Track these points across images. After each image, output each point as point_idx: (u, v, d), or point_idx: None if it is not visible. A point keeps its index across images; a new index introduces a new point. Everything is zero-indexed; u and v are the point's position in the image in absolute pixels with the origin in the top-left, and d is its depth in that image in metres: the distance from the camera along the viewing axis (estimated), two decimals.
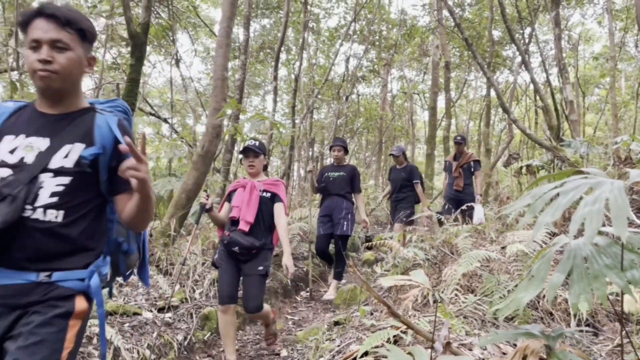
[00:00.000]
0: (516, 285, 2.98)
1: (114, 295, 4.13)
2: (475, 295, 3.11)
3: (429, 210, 6.78)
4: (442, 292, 3.24)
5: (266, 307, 3.64)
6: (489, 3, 10.51)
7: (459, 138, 7.46)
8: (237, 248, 3.49)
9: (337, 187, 5.95)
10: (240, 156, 3.83)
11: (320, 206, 6.22)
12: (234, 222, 3.60)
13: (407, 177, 6.95)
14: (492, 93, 11.95)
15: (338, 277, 5.90)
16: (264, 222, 3.63)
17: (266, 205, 3.65)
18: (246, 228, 3.52)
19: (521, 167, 7.52)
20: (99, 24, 9.30)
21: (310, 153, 14.72)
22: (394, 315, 1.55)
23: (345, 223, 5.79)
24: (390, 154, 7.27)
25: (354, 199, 6.02)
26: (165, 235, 5.12)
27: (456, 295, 3.20)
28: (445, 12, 11.12)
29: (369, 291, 1.49)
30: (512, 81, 15.22)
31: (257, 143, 3.78)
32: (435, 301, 3.10)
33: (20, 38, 5.90)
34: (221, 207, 3.82)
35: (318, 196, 11.55)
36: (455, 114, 16.22)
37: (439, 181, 19.88)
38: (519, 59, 13.13)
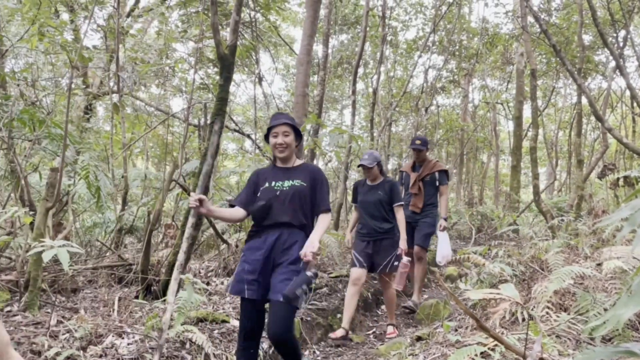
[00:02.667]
0: (614, 304, 2.80)
1: (205, 303, 4.36)
2: (569, 314, 2.95)
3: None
4: (532, 309, 3.10)
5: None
6: (578, 7, 9.99)
7: (418, 142, 5.59)
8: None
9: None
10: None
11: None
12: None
13: (386, 198, 4.78)
14: (584, 100, 11.28)
15: None
16: None
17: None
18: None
19: (618, 179, 7.01)
20: (188, 47, 9.92)
21: (390, 166, 14.64)
22: (484, 330, 1.53)
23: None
24: (359, 165, 4.91)
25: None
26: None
27: (547, 313, 3.05)
28: (530, 18, 10.71)
29: (458, 304, 1.48)
30: (606, 87, 14.27)
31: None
32: (524, 319, 2.98)
33: (121, 62, 6.44)
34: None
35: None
36: (542, 124, 15.44)
37: (526, 194, 18.97)
38: (612, 63, 12.31)
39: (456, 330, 3.36)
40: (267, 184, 3.07)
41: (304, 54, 6.02)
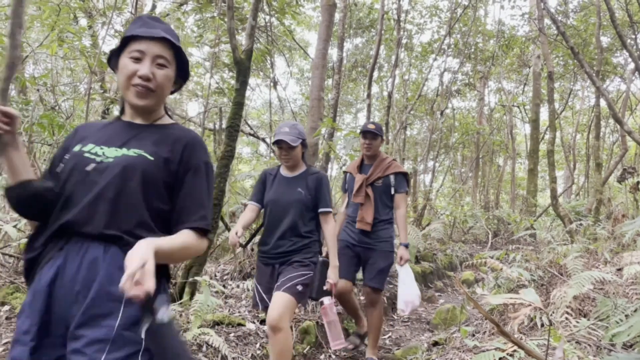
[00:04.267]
0: (636, 310, 2.75)
1: (221, 306, 4.38)
2: (589, 320, 2.91)
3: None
4: (552, 314, 3.06)
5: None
6: (596, 8, 9.87)
7: (371, 126, 3.91)
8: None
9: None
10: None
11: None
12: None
13: (309, 199, 3.15)
14: (602, 103, 11.13)
15: None
16: None
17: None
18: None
19: (638, 182, 6.90)
20: (204, 52, 10.01)
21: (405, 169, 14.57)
22: (504, 335, 1.51)
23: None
24: (275, 142, 3.15)
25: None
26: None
27: (567, 318, 3.01)
28: (546, 20, 10.61)
29: (477, 308, 1.46)
30: (625, 90, 14.07)
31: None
32: (543, 324, 2.94)
33: None
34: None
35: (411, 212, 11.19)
36: (560, 127, 15.26)
37: (543, 198, 18.75)
38: (631, 65, 12.14)
39: (474, 335, 3.33)
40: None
41: (319, 58, 6.04)
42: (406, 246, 3.87)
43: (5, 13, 5.20)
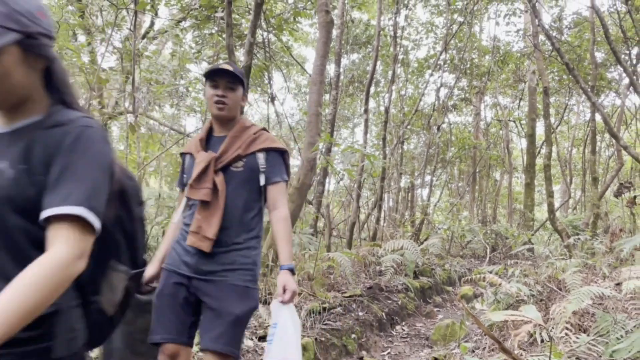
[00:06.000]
0: (636, 326, 2.74)
1: None
2: (589, 335, 2.90)
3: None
4: (551, 330, 3.05)
5: None
6: (590, 24, 10.00)
7: (226, 66, 2.22)
8: None
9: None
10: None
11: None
12: None
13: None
14: (597, 118, 11.22)
15: None
16: None
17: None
18: None
19: (635, 197, 6.94)
20: (202, 67, 10.09)
21: (402, 183, 14.63)
22: (505, 352, 1.51)
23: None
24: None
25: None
26: (264, 265, 5.32)
27: (566, 334, 3.00)
28: (541, 37, 10.74)
29: (478, 325, 1.46)
30: (620, 104, 14.20)
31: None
32: (543, 340, 2.93)
33: (136, 83, 6.55)
34: None
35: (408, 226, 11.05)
36: (556, 141, 15.36)
37: (540, 212, 18.78)
38: (626, 80, 12.27)
39: (473, 351, 3.32)
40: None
41: (317, 74, 6.08)
42: (291, 271, 2.16)
43: None
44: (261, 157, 2.26)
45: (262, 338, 4.13)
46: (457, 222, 12.28)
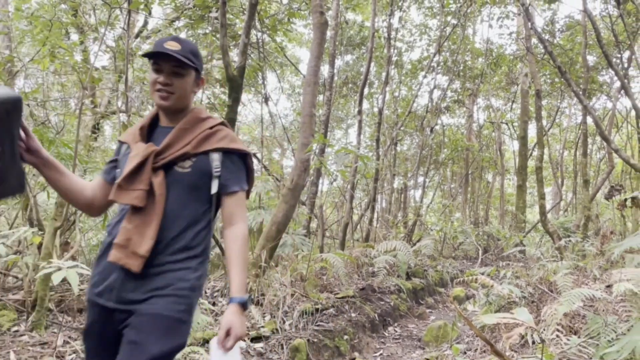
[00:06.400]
0: (628, 329, 2.77)
1: (211, 324, 4.33)
2: (579, 337, 2.92)
3: None
4: (542, 332, 3.07)
5: None
6: (582, 28, 10.08)
7: (173, 46, 1.74)
8: None
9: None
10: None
11: None
12: None
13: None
14: (589, 120, 11.31)
15: None
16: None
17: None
18: None
19: (625, 200, 6.99)
20: None
21: (395, 185, 14.66)
22: (497, 354, 1.52)
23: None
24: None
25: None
26: (257, 267, 5.31)
27: (557, 336, 3.02)
28: (534, 40, 10.81)
29: (471, 327, 1.47)
30: (611, 107, 14.32)
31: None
32: (534, 341, 2.95)
33: (129, 83, 6.52)
34: None
35: (401, 228, 11.07)
36: (547, 143, 15.45)
37: (532, 214, 18.88)
38: (617, 84, 12.38)
39: (465, 353, 3.33)
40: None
41: (311, 75, 6.08)
42: (242, 306, 1.70)
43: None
44: (216, 159, 1.78)
45: (255, 339, 4.13)
46: (450, 223, 12.33)
